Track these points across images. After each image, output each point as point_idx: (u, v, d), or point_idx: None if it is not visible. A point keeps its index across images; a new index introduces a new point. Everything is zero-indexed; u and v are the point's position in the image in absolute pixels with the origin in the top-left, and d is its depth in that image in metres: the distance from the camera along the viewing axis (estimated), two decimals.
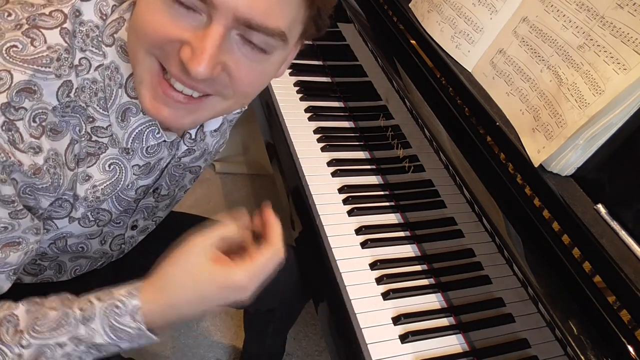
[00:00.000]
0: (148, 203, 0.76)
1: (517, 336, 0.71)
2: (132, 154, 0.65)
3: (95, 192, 0.64)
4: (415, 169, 0.92)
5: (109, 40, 0.58)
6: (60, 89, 0.55)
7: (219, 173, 2.07)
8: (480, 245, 0.77)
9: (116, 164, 0.65)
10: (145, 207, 0.76)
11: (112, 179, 0.65)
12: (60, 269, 0.77)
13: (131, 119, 0.62)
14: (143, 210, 0.77)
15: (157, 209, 0.80)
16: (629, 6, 0.64)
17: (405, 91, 0.91)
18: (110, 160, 0.64)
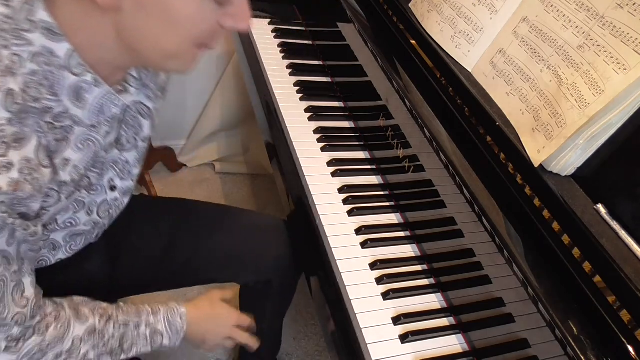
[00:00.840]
0: (114, 156, 0.76)
1: (517, 336, 0.71)
2: (98, 126, 0.66)
3: (78, 171, 0.66)
4: (415, 169, 0.92)
5: (28, 26, 0.56)
6: (6, 99, 0.54)
7: (219, 173, 2.07)
8: (480, 245, 0.77)
9: (88, 139, 0.65)
10: (113, 162, 0.76)
11: (91, 153, 0.66)
12: (54, 247, 0.78)
13: (86, 96, 0.62)
14: (113, 167, 0.77)
15: (129, 164, 0.80)
16: (629, 6, 0.64)
17: (405, 91, 0.91)
18: (82, 138, 0.64)
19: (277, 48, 1.31)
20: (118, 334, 0.75)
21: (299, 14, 1.44)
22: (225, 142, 2.06)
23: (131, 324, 0.77)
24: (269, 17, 1.40)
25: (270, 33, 1.35)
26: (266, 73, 1.22)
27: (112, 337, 0.75)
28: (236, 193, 2.01)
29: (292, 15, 1.43)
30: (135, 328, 0.78)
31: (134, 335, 0.77)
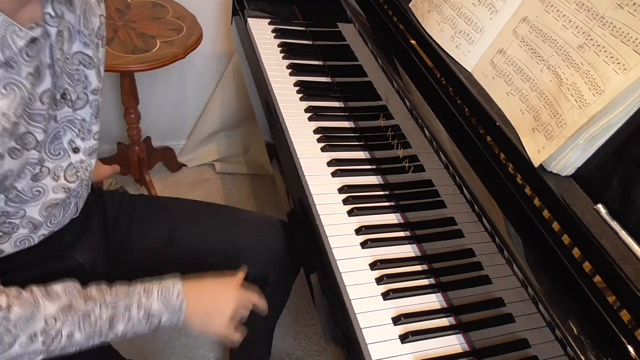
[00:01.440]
0: (67, 115, 0.75)
1: (517, 336, 0.71)
2: (15, 65, 0.63)
3: (9, 119, 0.63)
4: (415, 169, 0.92)
5: None
6: None
7: (219, 173, 2.07)
8: (480, 245, 0.77)
9: (9, 83, 0.63)
10: (68, 120, 0.75)
11: (17, 99, 0.63)
12: (35, 225, 0.77)
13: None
14: (70, 127, 0.76)
15: (86, 122, 0.79)
16: (629, 6, 0.64)
17: (405, 91, 0.91)
18: (2, 83, 0.62)
19: (277, 48, 1.31)
20: (106, 316, 0.72)
21: (299, 14, 1.44)
22: (225, 142, 2.06)
23: (120, 305, 0.73)
24: (269, 17, 1.40)
25: (270, 33, 1.35)
26: (266, 73, 1.22)
27: (99, 317, 0.71)
28: (236, 193, 2.01)
29: (292, 15, 1.43)
30: (126, 310, 0.74)
31: (125, 317, 0.73)
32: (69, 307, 0.70)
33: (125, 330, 0.74)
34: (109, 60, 1.37)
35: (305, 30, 1.40)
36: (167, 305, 0.77)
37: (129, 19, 1.53)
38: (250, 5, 1.41)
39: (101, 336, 0.73)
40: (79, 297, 0.71)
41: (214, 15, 1.75)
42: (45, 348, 0.69)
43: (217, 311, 0.83)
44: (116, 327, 0.73)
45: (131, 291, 0.75)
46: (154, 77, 1.81)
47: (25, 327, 0.66)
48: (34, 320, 0.67)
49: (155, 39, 1.48)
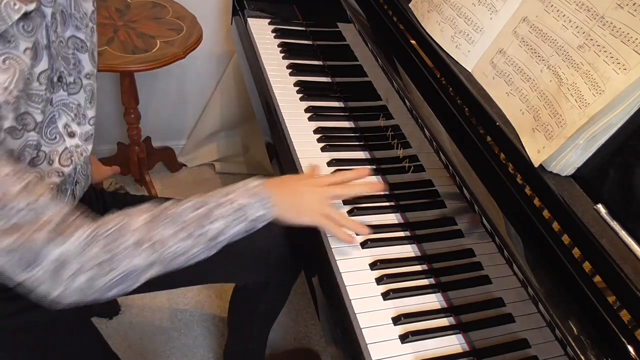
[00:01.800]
0: (62, 98, 0.76)
1: (517, 336, 0.71)
2: (12, 40, 0.64)
3: (11, 93, 0.64)
4: (415, 169, 0.92)
5: None
6: None
7: (219, 173, 2.08)
8: (480, 245, 0.77)
9: (8, 58, 0.64)
10: (63, 104, 0.76)
11: (17, 73, 0.64)
12: None
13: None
14: (65, 111, 0.77)
15: (81, 107, 0.80)
16: (629, 6, 0.64)
17: (405, 91, 0.91)
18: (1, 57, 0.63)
19: (277, 48, 1.31)
20: (194, 216, 0.72)
21: (299, 14, 1.44)
22: (225, 142, 2.06)
23: (206, 205, 0.74)
24: (269, 17, 1.40)
25: (270, 33, 1.35)
26: (266, 73, 1.22)
27: (189, 219, 0.72)
28: None
29: (292, 15, 1.43)
30: (216, 207, 0.74)
31: (215, 214, 0.74)
32: (154, 217, 0.71)
33: (222, 229, 0.74)
34: (109, 60, 1.37)
35: (305, 30, 1.40)
36: (253, 195, 0.77)
37: (129, 19, 1.53)
38: (250, 5, 1.41)
39: (199, 238, 0.73)
40: (161, 208, 0.72)
41: (214, 15, 1.75)
42: (150, 259, 0.69)
43: (304, 196, 0.83)
44: (211, 225, 0.73)
45: (214, 193, 0.76)
46: (154, 77, 1.81)
47: (121, 240, 0.67)
48: (126, 232, 0.68)
49: (155, 39, 1.48)
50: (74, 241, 0.63)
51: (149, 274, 0.71)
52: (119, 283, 0.68)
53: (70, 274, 0.64)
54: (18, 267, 0.62)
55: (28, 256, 0.61)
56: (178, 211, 0.72)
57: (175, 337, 1.56)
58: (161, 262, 0.71)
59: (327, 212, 0.83)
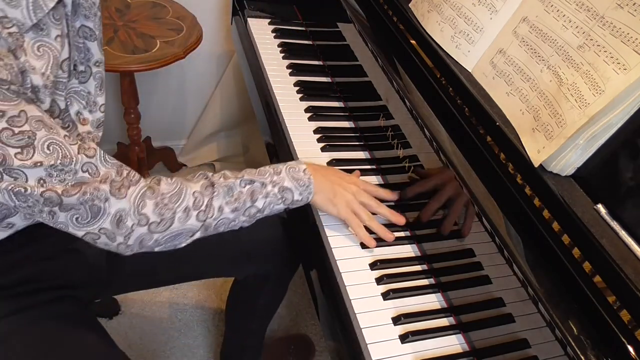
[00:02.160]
0: (74, 86, 0.78)
1: (517, 336, 0.71)
2: (45, 27, 0.67)
3: (48, 78, 0.68)
4: (415, 169, 0.92)
5: None
6: None
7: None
8: (480, 245, 0.77)
9: (42, 45, 0.67)
10: (74, 92, 0.78)
11: (51, 59, 0.68)
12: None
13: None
14: (76, 99, 0.79)
15: (92, 95, 0.82)
16: (629, 6, 0.64)
17: (405, 91, 0.91)
18: (36, 44, 0.66)
19: (277, 48, 1.31)
20: (246, 190, 0.80)
21: (299, 14, 1.44)
22: (225, 142, 2.06)
23: (256, 181, 0.82)
24: (269, 17, 1.40)
25: (270, 33, 1.35)
26: (266, 73, 1.22)
27: (241, 193, 0.80)
28: None
29: (292, 15, 1.43)
30: (262, 186, 0.82)
31: (263, 192, 0.82)
32: (211, 185, 0.78)
33: (264, 206, 0.82)
34: (109, 60, 1.37)
35: (305, 30, 1.40)
36: (297, 181, 0.84)
37: (129, 19, 1.53)
38: (250, 5, 1.41)
39: (245, 213, 0.81)
40: (218, 177, 0.80)
41: (214, 15, 1.75)
42: (200, 223, 0.77)
43: (340, 187, 0.88)
44: (256, 202, 0.81)
45: (262, 171, 0.84)
46: (154, 77, 1.81)
47: (178, 201, 0.74)
48: (183, 195, 0.75)
49: (155, 39, 1.48)
50: (129, 198, 0.71)
51: (196, 236, 0.78)
52: (170, 240, 0.76)
53: (129, 225, 0.71)
54: (85, 219, 0.69)
55: (94, 209, 0.68)
56: (231, 184, 0.80)
57: (175, 337, 1.56)
58: (206, 227, 0.78)
59: (356, 210, 0.88)
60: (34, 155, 0.62)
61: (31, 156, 0.62)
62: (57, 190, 0.65)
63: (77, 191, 0.66)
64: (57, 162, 0.64)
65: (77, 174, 0.66)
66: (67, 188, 0.66)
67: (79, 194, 0.66)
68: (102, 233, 0.71)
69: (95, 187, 0.67)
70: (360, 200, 0.88)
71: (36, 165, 0.63)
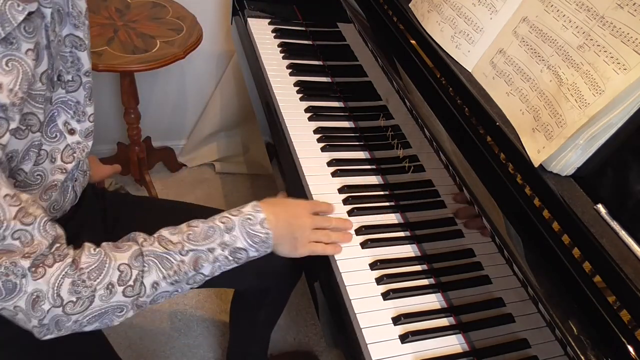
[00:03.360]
0: (60, 96, 0.77)
1: (517, 336, 0.71)
2: (15, 42, 0.64)
3: (16, 95, 0.64)
4: (415, 169, 0.92)
5: None
6: None
7: (219, 173, 2.08)
8: (480, 245, 0.77)
9: (10, 59, 0.63)
10: (62, 102, 0.77)
11: (20, 75, 0.64)
12: None
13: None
14: (64, 109, 0.78)
15: (80, 104, 0.80)
16: (629, 6, 0.64)
17: (405, 91, 0.91)
18: (4, 59, 0.62)
19: (277, 48, 1.31)
20: (189, 259, 0.72)
21: (299, 14, 1.44)
22: (225, 142, 2.06)
23: (202, 248, 0.73)
24: (269, 17, 1.40)
25: (270, 33, 1.35)
26: (266, 73, 1.22)
27: (182, 263, 0.71)
28: (236, 193, 2.01)
29: (292, 15, 1.43)
30: (209, 252, 0.73)
31: (210, 259, 0.73)
32: (142, 254, 0.69)
33: (213, 271, 0.74)
34: (109, 60, 1.37)
35: (305, 30, 1.40)
36: (253, 237, 0.76)
37: (129, 19, 1.53)
38: (250, 5, 1.41)
39: (189, 282, 0.73)
40: (153, 242, 0.71)
41: (214, 15, 1.75)
42: (130, 300, 0.68)
43: (299, 230, 0.82)
44: (202, 270, 0.73)
45: (210, 231, 0.74)
46: (154, 77, 1.81)
47: (99, 277, 0.66)
48: (106, 269, 0.66)
49: (155, 39, 1.48)
50: (48, 278, 0.63)
51: (129, 314, 0.70)
52: (95, 320, 0.67)
53: (45, 309, 0.63)
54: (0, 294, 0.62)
55: (8, 285, 0.61)
56: (167, 252, 0.70)
57: (175, 337, 1.56)
58: (140, 304, 0.70)
59: (316, 238, 0.85)
60: None
61: None
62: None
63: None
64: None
65: (5, 240, 0.60)
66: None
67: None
68: (17, 311, 0.63)
69: (12, 262, 0.60)
70: (315, 227, 0.85)
71: None
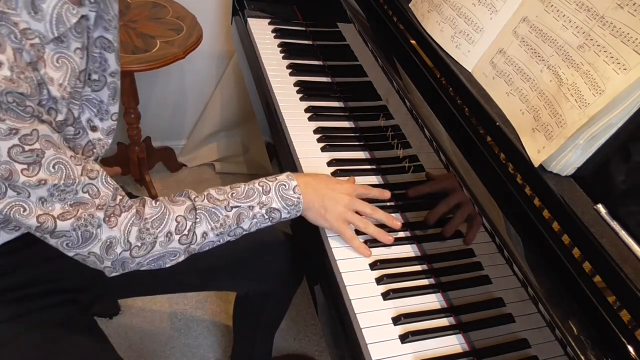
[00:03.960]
0: (86, 94, 0.79)
1: (517, 336, 0.71)
2: (65, 40, 0.68)
3: (65, 89, 0.69)
4: (415, 169, 0.92)
5: None
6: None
7: (219, 173, 2.08)
8: (480, 245, 0.77)
9: (61, 57, 0.68)
10: (86, 99, 0.79)
11: (69, 71, 0.70)
12: None
13: (42, 7, 0.64)
14: (88, 106, 0.80)
15: (104, 103, 0.82)
16: (629, 6, 0.64)
17: (405, 91, 0.91)
18: (55, 56, 0.67)
19: (277, 48, 1.31)
20: (232, 215, 0.80)
21: (299, 14, 1.44)
22: (225, 142, 2.06)
23: (243, 205, 0.81)
24: (269, 17, 1.40)
25: (270, 33, 1.35)
26: (266, 73, 1.22)
27: (227, 217, 0.79)
28: None
29: (292, 15, 1.43)
30: (249, 209, 0.81)
31: (249, 215, 0.81)
32: (195, 209, 0.78)
33: (250, 226, 0.82)
34: None
35: (305, 30, 1.40)
36: (286, 200, 0.83)
37: (129, 19, 1.53)
38: (250, 5, 1.41)
39: (230, 234, 0.82)
40: (203, 199, 0.80)
41: (214, 15, 1.75)
42: (184, 247, 0.78)
43: (332, 201, 0.86)
44: (242, 224, 0.81)
45: (250, 192, 0.82)
46: (154, 77, 1.81)
47: (160, 226, 0.75)
48: (166, 220, 0.76)
49: (155, 39, 1.48)
50: (120, 226, 0.72)
51: (180, 259, 0.79)
52: (153, 261, 0.77)
53: (117, 252, 0.73)
54: (75, 244, 0.70)
55: (86, 235, 0.70)
56: (216, 208, 0.79)
57: (175, 337, 1.56)
58: (190, 251, 0.79)
59: (350, 219, 0.87)
60: (39, 173, 0.64)
61: (36, 173, 0.63)
62: (53, 214, 0.67)
63: (73, 216, 0.68)
64: (60, 182, 0.66)
65: (77, 194, 0.68)
66: (64, 210, 0.67)
67: (74, 219, 0.68)
68: (91, 255, 0.72)
69: (90, 214, 0.69)
70: (354, 209, 0.87)
71: (40, 184, 0.64)
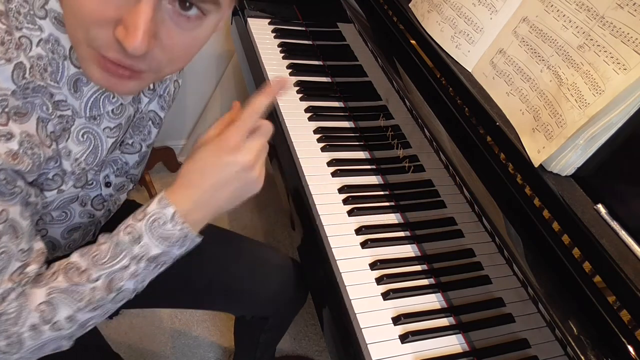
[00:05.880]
0: (114, 156, 0.78)
1: (517, 336, 0.71)
2: (99, 119, 0.67)
3: (79, 165, 0.67)
4: (415, 169, 0.92)
5: (42, 13, 0.58)
6: (14, 72, 0.55)
7: None
8: (480, 245, 0.77)
9: (88, 132, 0.67)
10: (112, 160, 0.78)
11: (90, 148, 0.68)
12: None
13: (84, 89, 0.63)
14: (111, 165, 0.78)
15: (128, 165, 0.81)
16: (629, 6, 0.64)
17: (405, 91, 0.91)
18: (82, 131, 0.66)
19: (277, 48, 1.31)
20: (101, 285, 0.61)
21: (299, 14, 1.44)
22: None
23: (113, 269, 0.61)
24: (269, 17, 1.40)
25: (270, 33, 1.35)
26: (266, 73, 1.22)
27: (93, 290, 0.61)
28: None
29: (292, 15, 1.43)
30: (123, 270, 0.61)
31: (125, 276, 0.62)
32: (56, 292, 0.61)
33: (137, 285, 0.63)
34: None
35: (305, 30, 1.40)
36: (168, 239, 0.61)
37: None
38: (250, 5, 1.41)
39: (114, 301, 0.64)
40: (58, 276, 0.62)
41: None
42: (58, 335, 0.62)
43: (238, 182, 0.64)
44: (123, 288, 0.62)
45: (115, 249, 0.61)
46: None
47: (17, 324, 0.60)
48: (24, 316, 0.61)
49: None
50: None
51: (70, 343, 0.65)
52: (39, 349, 0.63)
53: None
54: None
55: None
56: (74, 285, 0.61)
57: (175, 337, 1.56)
58: (70, 336, 0.64)
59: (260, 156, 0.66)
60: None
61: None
62: None
63: None
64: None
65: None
66: None
67: None
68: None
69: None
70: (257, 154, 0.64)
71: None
